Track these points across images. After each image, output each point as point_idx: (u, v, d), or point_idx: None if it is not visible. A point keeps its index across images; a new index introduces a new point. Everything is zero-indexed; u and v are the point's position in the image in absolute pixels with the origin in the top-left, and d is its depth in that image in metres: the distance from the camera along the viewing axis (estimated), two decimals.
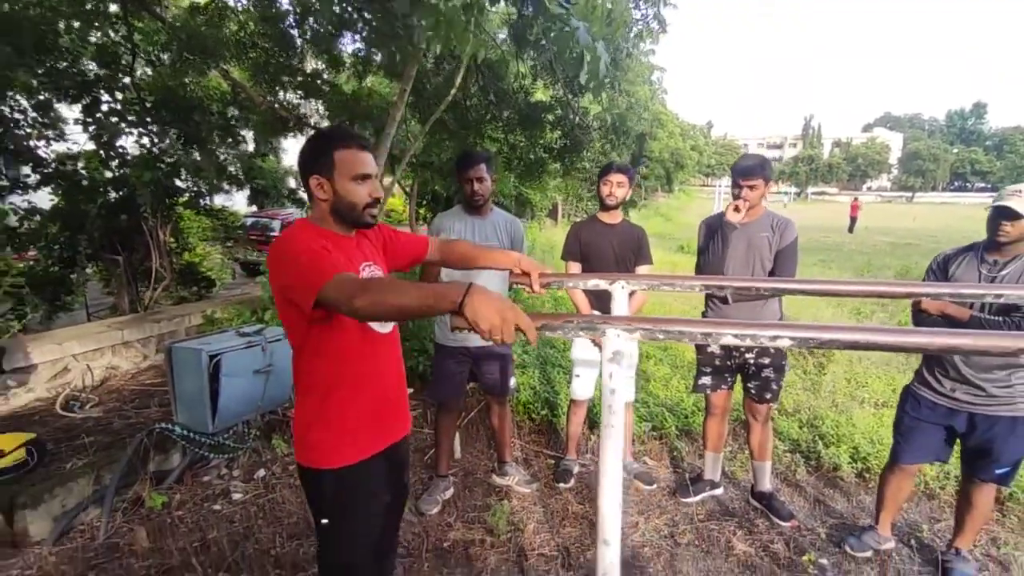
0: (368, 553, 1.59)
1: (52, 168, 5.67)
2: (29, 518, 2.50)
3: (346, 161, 1.45)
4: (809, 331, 1.05)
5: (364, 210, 1.49)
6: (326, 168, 1.45)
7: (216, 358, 2.92)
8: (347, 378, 1.48)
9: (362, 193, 1.47)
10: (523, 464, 3.29)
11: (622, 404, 1.13)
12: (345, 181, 1.45)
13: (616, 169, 2.95)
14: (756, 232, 2.69)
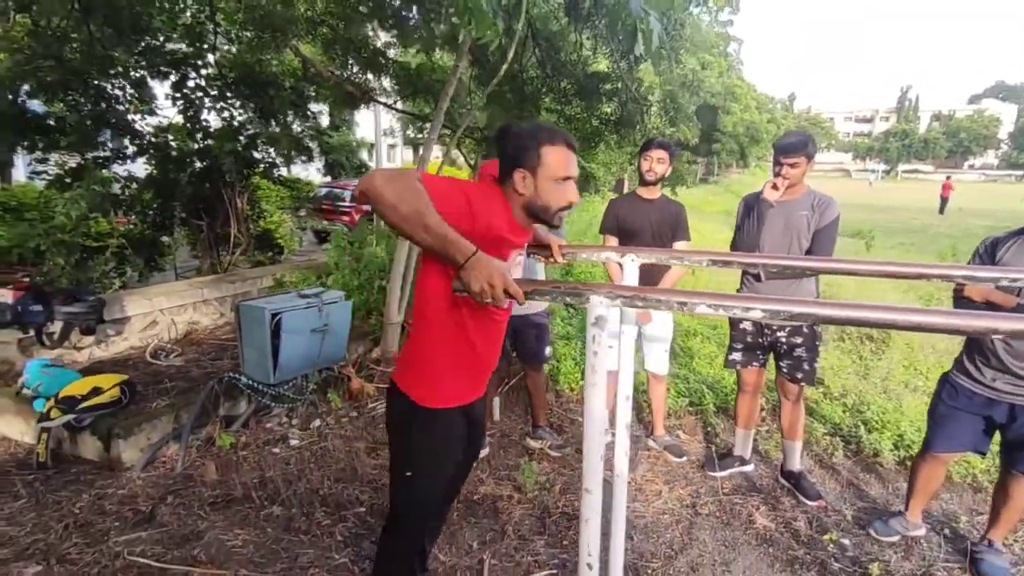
0: (439, 495, 1.73)
1: (147, 140, 6.22)
2: (122, 447, 2.89)
3: (553, 161, 1.44)
4: (780, 304, 1.12)
5: (556, 212, 1.50)
6: (530, 164, 1.44)
7: (278, 316, 3.21)
8: (471, 333, 1.54)
9: (560, 196, 1.47)
10: (558, 430, 3.43)
11: (604, 365, 1.23)
12: (548, 181, 1.45)
13: (657, 145, 2.96)
14: (795, 211, 2.66)
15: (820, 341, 2.77)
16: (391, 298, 4.37)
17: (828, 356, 4.65)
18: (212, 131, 6.43)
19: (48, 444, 2.93)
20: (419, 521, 1.72)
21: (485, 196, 1.45)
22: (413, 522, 1.71)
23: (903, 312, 1.03)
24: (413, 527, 1.72)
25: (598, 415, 1.25)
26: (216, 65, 6.20)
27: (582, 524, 1.32)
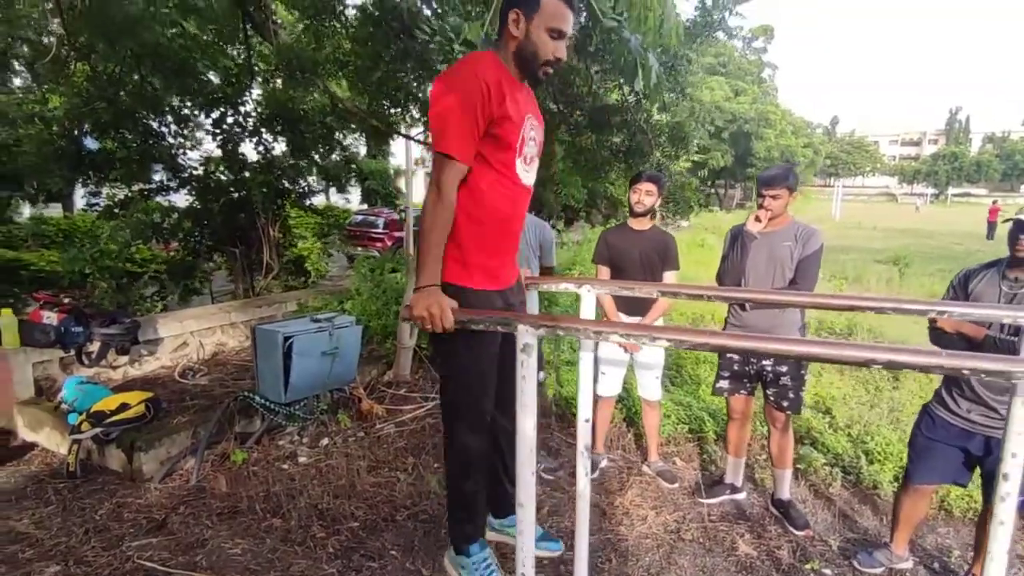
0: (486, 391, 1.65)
1: (188, 173, 6.67)
2: (143, 459, 3.12)
3: (550, 10, 1.48)
4: (684, 334, 1.22)
5: (543, 64, 1.54)
6: (530, 8, 1.49)
7: (290, 339, 3.42)
8: (485, 214, 1.58)
9: (550, 47, 1.52)
10: (556, 454, 3.51)
11: (534, 388, 1.35)
12: (541, 28, 1.50)
13: (646, 178, 3.08)
14: (779, 242, 2.73)
15: (806, 370, 2.81)
16: (403, 329, 4.56)
17: (840, 384, 4.60)
18: (247, 163, 6.86)
19: (78, 455, 3.19)
20: (472, 429, 1.66)
21: (483, 67, 1.50)
22: (466, 430, 1.66)
23: (808, 345, 1.12)
24: (467, 435, 1.67)
25: (528, 434, 1.36)
26: (253, 103, 6.64)
27: (518, 536, 1.42)
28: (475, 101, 1.45)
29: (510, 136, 1.56)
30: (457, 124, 1.46)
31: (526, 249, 3.12)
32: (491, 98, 1.47)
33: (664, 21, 3.26)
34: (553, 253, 3.30)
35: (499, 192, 1.60)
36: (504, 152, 1.57)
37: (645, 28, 3.26)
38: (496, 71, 1.52)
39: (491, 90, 1.47)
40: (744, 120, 27.85)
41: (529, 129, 1.63)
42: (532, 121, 1.66)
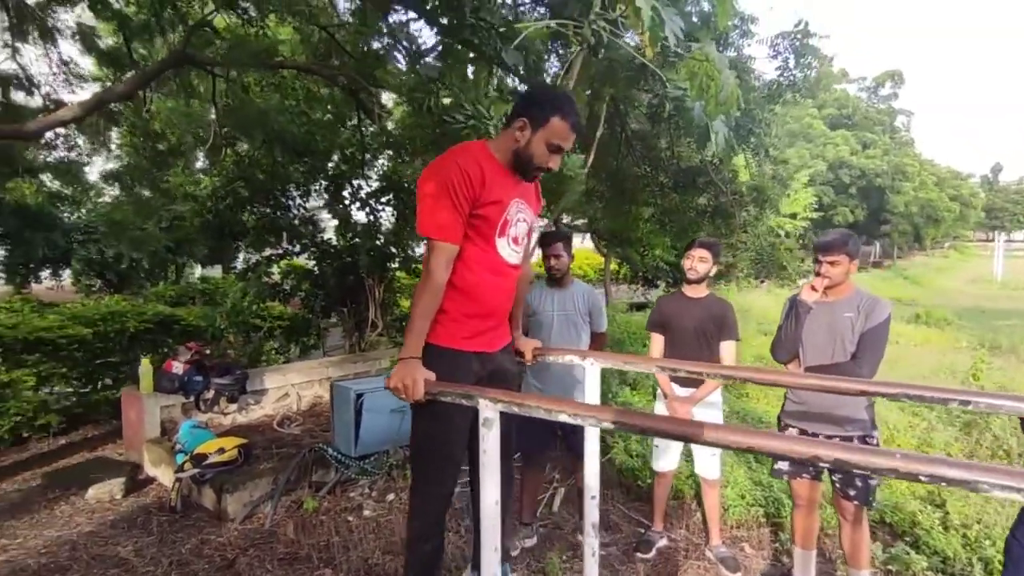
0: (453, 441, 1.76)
1: (307, 240, 7.52)
2: (228, 501, 3.46)
3: (555, 129, 1.68)
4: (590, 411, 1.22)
5: (536, 170, 1.75)
6: (536, 121, 1.68)
7: (361, 396, 3.68)
8: (467, 286, 1.72)
9: (546, 159, 1.71)
10: (613, 528, 3.38)
11: (495, 462, 1.39)
12: (542, 142, 1.69)
13: (698, 244, 3.03)
14: (839, 312, 2.54)
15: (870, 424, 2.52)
16: None
17: None
18: (358, 230, 7.59)
19: (180, 492, 3.61)
20: (432, 496, 1.77)
21: (464, 158, 1.67)
22: (432, 477, 1.77)
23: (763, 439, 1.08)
24: (432, 484, 1.78)
25: (489, 509, 1.40)
26: (364, 177, 7.41)
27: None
28: (455, 187, 1.61)
29: (493, 217, 1.69)
30: (438, 209, 1.61)
31: (574, 315, 3.15)
32: (471, 183, 1.62)
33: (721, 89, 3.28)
34: (603, 319, 3.28)
35: (482, 267, 1.73)
36: (487, 232, 1.70)
37: (707, 96, 3.30)
38: (478, 159, 1.67)
39: (471, 177, 1.62)
40: (875, 174, 25.74)
41: (516, 212, 1.75)
42: (520, 205, 1.78)
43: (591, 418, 1.23)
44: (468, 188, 1.64)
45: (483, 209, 1.69)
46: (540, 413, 1.29)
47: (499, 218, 1.73)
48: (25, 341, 6.24)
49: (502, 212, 1.73)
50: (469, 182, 1.63)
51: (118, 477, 3.95)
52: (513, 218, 1.77)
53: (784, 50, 4.58)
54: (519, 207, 1.79)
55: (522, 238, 1.85)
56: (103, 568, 2.93)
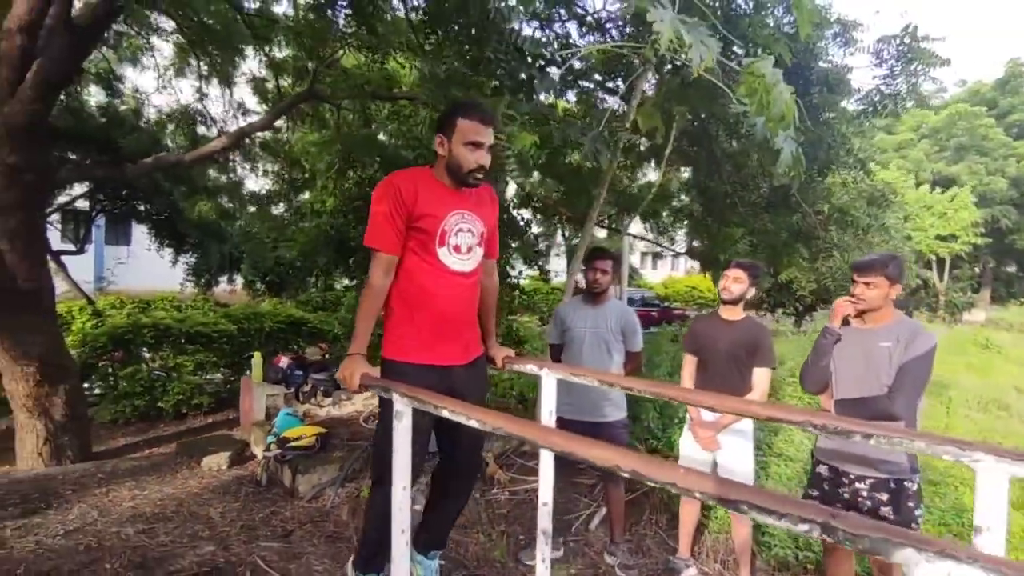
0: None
1: None
2: (300, 480, 3.93)
3: (464, 129, 1.82)
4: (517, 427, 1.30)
5: (469, 172, 1.86)
6: (447, 130, 1.85)
7: None
8: (412, 295, 1.89)
9: (471, 158, 1.83)
10: (638, 551, 3.30)
11: (405, 460, 1.53)
12: (459, 145, 1.83)
13: (734, 264, 2.91)
14: (876, 341, 2.31)
15: (918, 504, 2.23)
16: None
17: None
18: None
19: (265, 469, 4.16)
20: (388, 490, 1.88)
21: (400, 178, 1.88)
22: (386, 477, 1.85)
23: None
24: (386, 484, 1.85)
25: (399, 491, 1.54)
26: None
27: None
28: (390, 203, 1.81)
29: (429, 228, 1.87)
30: (377, 223, 1.83)
31: (606, 333, 3.15)
32: (403, 200, 1.82)
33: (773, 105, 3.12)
34: (638, 339, 3.23)
35: (424, 275, 1.90)
36: (426, 243, 1.88)
37: (766, 114, 3.16)
38: (415, 179, 1.88)
39: (403, 194, 1.82)
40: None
41: (456, 223, 1.90)
42: (464, 216, 1.93)
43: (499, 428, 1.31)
44: (401, 205, 1.84)
45: (419, 222, 1.87)
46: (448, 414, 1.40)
47: (435, 229, 1.89)
48: (187, 334, 7.49)
49: (438, 224, 1.89)
50: (401, 199, 1.84)
51: (227, 451, 4.64)
52: (452, 228, 1.92)
53: (889, 57, 4.16)
54: (463, 218, 1.94)
55: (467, 247, 1.98)
56: (193, 523, 3.49)
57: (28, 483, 4.19)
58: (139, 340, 7.06)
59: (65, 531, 3.34)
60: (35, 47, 4.87)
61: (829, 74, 4.10)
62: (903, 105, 4.00)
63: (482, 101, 1.89)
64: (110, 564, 2.95)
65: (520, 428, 1.22)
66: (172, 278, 13.60)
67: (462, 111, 1.85)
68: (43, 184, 5.65)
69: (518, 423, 1.25)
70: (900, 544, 0.74)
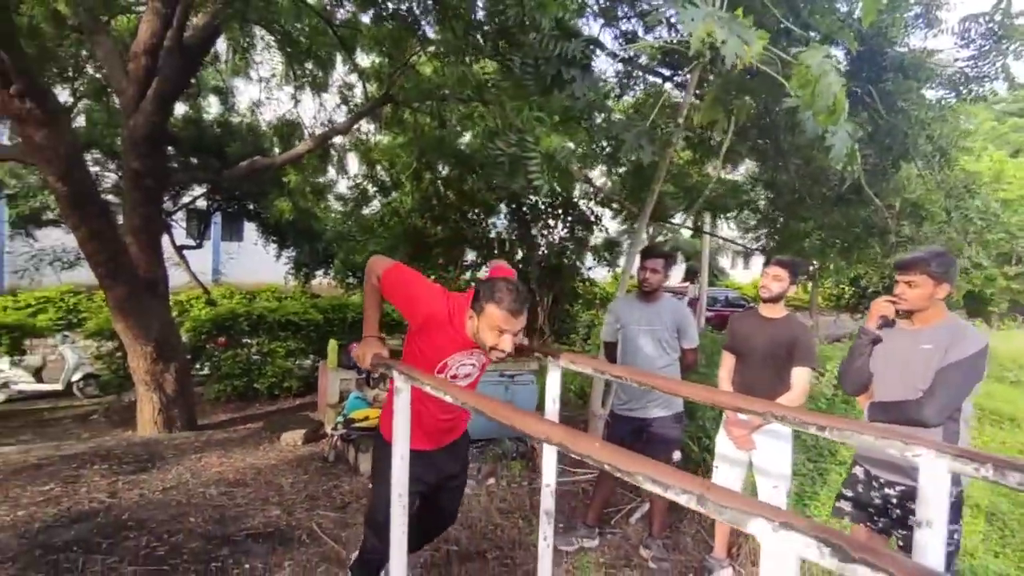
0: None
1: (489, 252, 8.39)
2: (361, 459, 4.24)
3: (491, 315, 1.88)
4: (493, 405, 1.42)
5: (490, 351, 1.94)
6: (478, 310, 1.92)
7: None
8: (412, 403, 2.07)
9: (492, 340, 1.91)
10: (682, 548, 3.28)
11: (405, 422, 1.68)
12: (485, 328, 1.91)
13: (775, 262, 2.82)
14: (917, 344, 2.19)
15: (953, 517, 2.08)
16: (595, 392, 4.84)
17: None
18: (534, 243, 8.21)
19: (333, 447, 4.53)
20: (376, 532, 2.18)
21: (446, 302, 2.03)
22: (372, 532, 2.23)
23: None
24: (372, 537, 2.23)
25: (400, 521, 1.70)
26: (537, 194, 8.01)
27: None
28: (413, 294, 2.01)
29: (432, 357, 2.03)
30: (411, 279, 2.04)
31: (661, 331, 3.16)
32: (418, 311, 2.00)
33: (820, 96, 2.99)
34: (693, 334, 3.22)
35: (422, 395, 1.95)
36: (425, 361, 2.03)
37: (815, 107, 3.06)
38: (442, 314, 2.00)
39: (423, 308, 2.00)
40: None
41: (461, 360, 2.07)
42: (474, 352, 2.07)
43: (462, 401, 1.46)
44: (414, 305, 2.01)
45: (424, 345, 2.02)
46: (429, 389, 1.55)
47: (438, 361, 2.04)
48: (279, 322, 8.17)
49: (442, 358, 2.04)
50: (419, 307, 2.00)
51: (303, 429, 5.08)
52: (455, 364, 2.07)
53: (977, 36, 3.80)
54: (470, 355, 2.07)
55: (466, 375, 2.14)
56: (266, 489, 3.89)
57: (140, 446, 4.84)
58: (237, 327, 7.82)
59: (163, 488, 3.84)
60: (156, 67, 5.57)
61: (905, 59, 3.82)
62: (991, 88, 3.63)
63: (519, 286, 1.95)
64: (194, 518, 3.38)
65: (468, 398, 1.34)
66: (277, 272, 14.84)
67: (495, 299, 1.88)
68: (161, 187, 6.43)
69: (475, 397, 1.37)
70: (753, 514, 0.78)
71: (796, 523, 0.74)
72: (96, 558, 2.84)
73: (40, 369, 8.80)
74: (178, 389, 6.02)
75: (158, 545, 3.02)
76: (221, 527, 3.28)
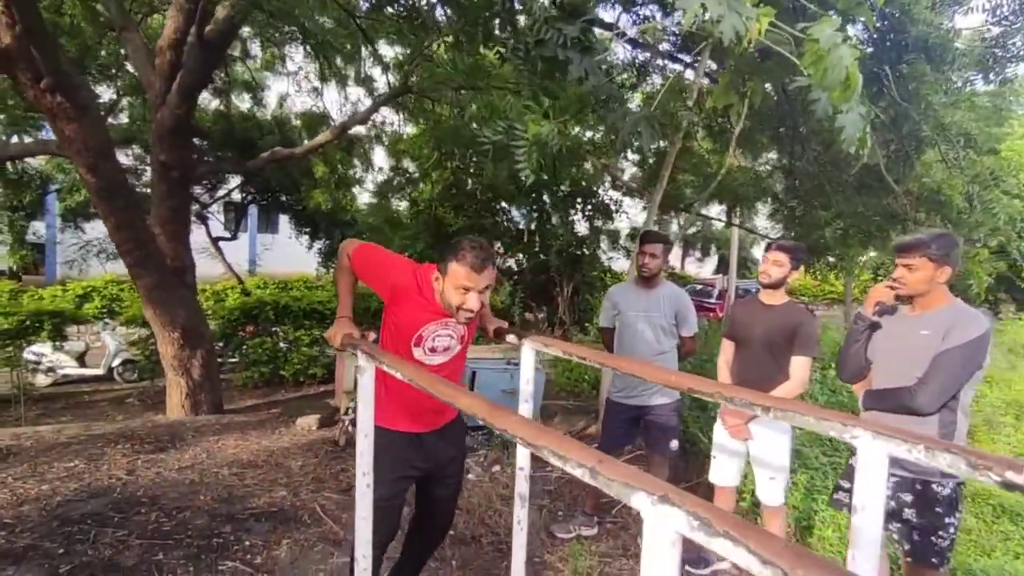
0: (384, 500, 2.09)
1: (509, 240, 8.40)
2: None
3: (455, 273, 1.88)
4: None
5: (457, 311, 1.92)
6: (443, 269, 1.92)
7: (474, 372, 4.18)
8: (392, 383, 2.08)
9: (459, 299, 1.90)
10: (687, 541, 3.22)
11: (369, 401, 1.69)
12: (450, 287, 1.90)
13: (776, 247, 2.73)
14: (916, 330, 2.08)
15: (950, 510, 1.98)
16: (604, 381, 4.79)
17: None
18: (554, 233, 8.16)
19: (344, 431, 4.61)
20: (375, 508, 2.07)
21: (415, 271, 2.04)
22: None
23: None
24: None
25: (363, 505, 1.71)
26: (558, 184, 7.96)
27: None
28: (384, 269, 2.03)
29: (405, 332, 2.02)
30: (379, 254, 2.06)
31: (659, 318, 3.10)
32: (387, 283, 2.01)
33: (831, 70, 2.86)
34: (692, 321, 3.15)
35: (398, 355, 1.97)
36: (403, 339, 2.02)
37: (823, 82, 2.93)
38: (418, 280, 2.00)
39: (393, 279, 2.00)
40: None
41: (433, 331, 2.03)
42: (448, 323, 2.03)
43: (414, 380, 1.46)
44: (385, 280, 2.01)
45: (397, 317, 2.00)
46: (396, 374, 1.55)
47: (412, 334, 2.01)
48: (304, 311, 8.35)
49: (415, 330, 2.01)
50: (389, 279, 2.00)
51: (319, 415, 5.19)
52: (430, 334, 2.03)
53: (1010, 12, 3.57)
54: (444, 326, 2.03)
55: (444, 347, 2.09)
56: (276, 471, 4.00)
57: (163, 427, 5.03)
58: (264, 316, 8.03)
59: (179, 467, 3.99)
60: (180, 62, 5.73)
61: (931, 38, 3.62)
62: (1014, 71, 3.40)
63: (482, 243, 1.94)
64: (203, 496, 3.49)
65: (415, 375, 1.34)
66: (309, 262, 15.20)
67: (458, 256, 1.88)
68: (186, 179, 6.63)
69: (419, 374, 1.36)
70: (636, 488, 0.76)
71: (674, 498, 0.72)
72: (107, 531, 2.97)
73: (83, 354, 9.24)
74: (204, 374, 6.22)
75: (166, 521, 3.13)
76: (228, 505, 3.38)
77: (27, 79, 4.47)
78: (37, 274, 18.62)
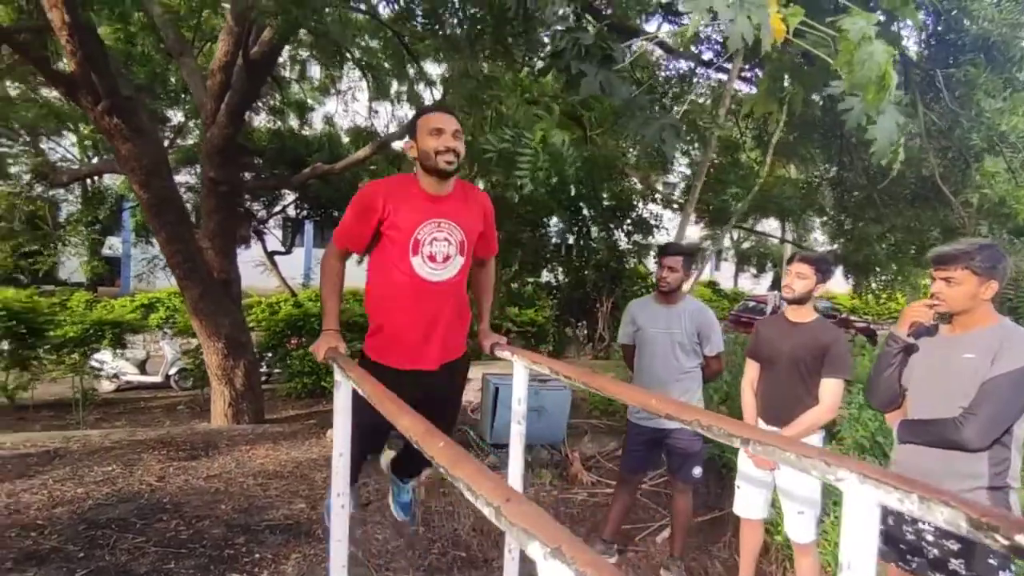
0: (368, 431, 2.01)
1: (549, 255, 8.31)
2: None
3: (423, 123, 1.88)
4: None
5: (437, 156, 1.85)
6: (413, 132, 1.92)
7: (497, 388, 4.08)
8: (385, 305, 1.99)
9: (435, 143, 1.85)
10: (707, 572, 3.00)
11: (346, 416, 1.63)
12: (424, 137, 1.87)
13: (799, 259, 2.52)
14: (959, 352, 1.85)
15: (1004, 562, 1.73)
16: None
17: None
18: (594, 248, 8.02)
19: None
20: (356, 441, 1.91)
21: (376, 186, 1.98)
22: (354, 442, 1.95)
23: None
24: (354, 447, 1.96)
25: (336, 458, 1.64)
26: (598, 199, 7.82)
27: None
28: (357, 208, 1.94)
29: (399, 238, 1.92)
30: (342, 223, 1.99)
31: (680, 335, 2.93)
32: (372, 207, 1.91)
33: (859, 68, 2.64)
34: (716, 340, 2.95)
35: (398, 286, 1.95)
36: (398, 249, 1.93)
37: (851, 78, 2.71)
38: (387, 187, 1.95)
39: (372, 201, 1.91)
40: None
41: (430, 232, 1.92)
42: (441, 224, 1.93)
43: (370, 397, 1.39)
44: (368, 211, 1.91)
45: (391, 230, 1.91)
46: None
47: (407, 239, 1.90)
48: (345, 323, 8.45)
49: (410, 233, 1.90)
50: (370, 206, 1.91)
51: None
52: (426, 237, 1.91)
53: None
54: (438, 226, 1.92)
55: (444, 256, 1.95)
56: (298, 483, 4.02)
57: (200, 435, 5.17)
58: (308, 328, 8.22)
59: (207, 475, 4.07)
60: (229, 83, 5.99)
61: (992, 36, 3.32)
62: None
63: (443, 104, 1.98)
64: (224, 506, 3.54)
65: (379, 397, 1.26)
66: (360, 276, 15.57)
67: (418, 115, 1.95)
68: (234, 194, 6.91)
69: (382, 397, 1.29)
70: (532, 537, 0.65)
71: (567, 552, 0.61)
72: (127, 536, 3.03)
73: (144, 362, 9.73)
74: (247, 384, 6.39)
75: (184, 529, 3.18)
76: (246, 516, 3.41)
77: (88, 102, 4.77)
78: (113, 286, 19.91)
